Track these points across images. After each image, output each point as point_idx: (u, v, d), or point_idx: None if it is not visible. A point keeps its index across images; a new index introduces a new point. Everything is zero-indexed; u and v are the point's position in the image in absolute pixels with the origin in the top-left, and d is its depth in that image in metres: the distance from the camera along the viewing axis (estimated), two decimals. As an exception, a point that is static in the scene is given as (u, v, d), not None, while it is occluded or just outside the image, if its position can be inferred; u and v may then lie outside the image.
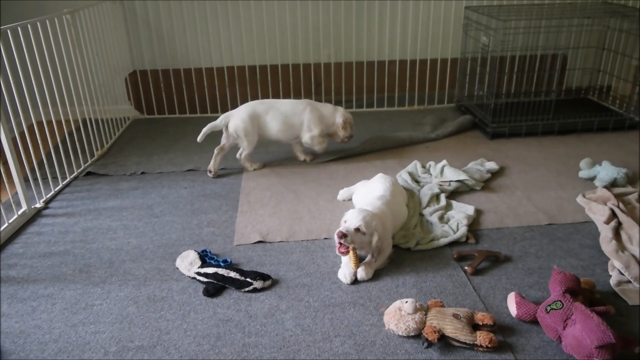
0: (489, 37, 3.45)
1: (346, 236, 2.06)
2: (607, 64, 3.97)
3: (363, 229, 2.08)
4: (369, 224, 2.10)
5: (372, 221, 2.11)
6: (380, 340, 1.80)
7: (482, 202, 2.68)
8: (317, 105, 3.18)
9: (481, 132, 3.62)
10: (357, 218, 2.10)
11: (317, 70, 4.13)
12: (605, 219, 2.40)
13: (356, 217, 2.10)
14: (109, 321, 1.93)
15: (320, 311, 1.95)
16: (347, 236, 2.06)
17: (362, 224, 2.08)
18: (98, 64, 3.47)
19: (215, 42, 4.01)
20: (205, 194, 2.85)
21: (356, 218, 2.10)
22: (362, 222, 2.08)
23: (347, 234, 2.06)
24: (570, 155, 3.20)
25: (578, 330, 1.60)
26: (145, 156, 3.36)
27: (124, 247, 2.39)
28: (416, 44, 4.07)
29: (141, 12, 3.89)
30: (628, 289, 2.00)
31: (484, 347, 1.71)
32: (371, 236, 2.10)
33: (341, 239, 2.06)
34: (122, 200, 2.81)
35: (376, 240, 2.10)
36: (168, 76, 4.07)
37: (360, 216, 2.11)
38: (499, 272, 2.14)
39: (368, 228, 2.09)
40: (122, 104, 3.97)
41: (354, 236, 2.08)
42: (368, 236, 2.10)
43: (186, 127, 3.86)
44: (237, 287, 2.07)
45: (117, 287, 2.12)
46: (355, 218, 2.10)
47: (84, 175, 3.13)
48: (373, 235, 2.10)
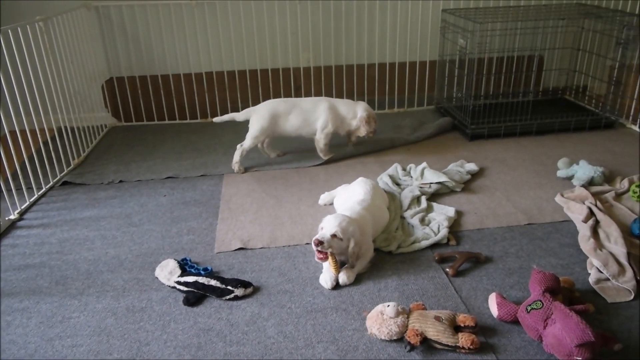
0: (466, 39, 3.48)
1: (322, 243, 2.05)
2: (582, 64, 4.03)
3: (339, 235, 2.07)
4: (346, 230, 2.09)
5: (348, 227, 2.10)
6: (363, 345, 1.79)
7: (462, 204, 2.69)
8: (336, 103, 3.22)
9: (461, 133, 3.64)
10: (333, 224, 2.09)
11: (296, 75, 4.12)
12: (584, 218, 2.43)
13: (332, 224, 2.10)
14: (87, 334, 1.89)
15: (302, 317, 1.93)
16: (324, 243, 2.05)
17: (338, 230, 2.07)
18: (73, 72, 3.41)
19: (194, 48, 3.98)
20: (185, 202, 2.82)
21: (332, 224, 2.09)
22: (338, 228, 2.08)
23: (324, 241, 2.05)
24: (548, 155, 3.24)
25: (558, 329, 1.61)
26: (123, 164, 3.31)
27: (102, 257, 2.35)
28: (395, 47, 4.08)
29: (117, 18, 3.84)
30: (607, 287, 2.02)
31: (466, 349, 1.71)
32: (348, 241, 2.09)
33: (318, 247, 2.06)
34: (99, 210, 2.76)
35: (353, 246, 2.09)
36: (146, 83, 4.02)
37: (336, 222, 2.10)
38: (480, 273, 2.15)
39: (344, 234, 2.08)
40: (99, 111, 3.91)
41: (331, 242, 2.07)
42: (345, 241, 2.09)
43: (165, 134, 3.82)
44: (218, 295, 2.04)
45: (95, 298, 2.07)
46: (332, 224, 2.09)
47: (60, 185, 3.07)
48: (350, 240, 2.10)
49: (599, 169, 2.81)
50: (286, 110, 3.13)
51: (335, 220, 2.11)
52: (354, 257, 2.11)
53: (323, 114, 3.15)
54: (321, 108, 3.15)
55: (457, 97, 3.85)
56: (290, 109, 3.13)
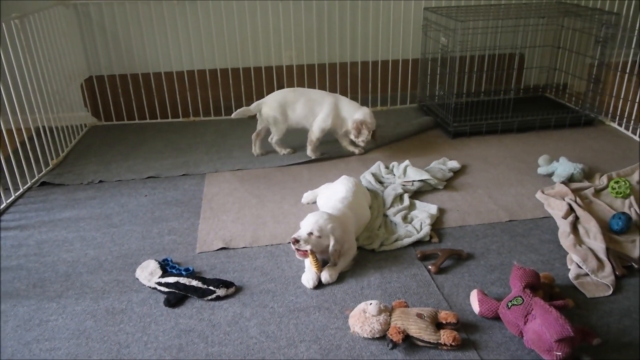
0: (447, 37, 3.50)
1: (298, 241, 2.06)
2: (562, 62, 4.08)
3: (316, 232, 2.07)
4: (323, 228, 2.09)
5: (326, 225, 2.10)
6: (346, 344, 1.78)
7: (444, 201, 2.71)
8: (341, 101, 3.24)
9: (443, 131, 3.66)
10: (310, 222, 2.09)
11: (279, 73, 4.10)
12: (563, 214, 2.46)
13: (309, 222, 2.10)
14: (65, 337, 1.86)
15: (285, 317, 1.92)
16: (299, 241, 2.06)
17: (315, 228, 2.07)
18: (51, 70, 3.35)
19: (175, 46, 3.94)
20: (167, 202, 2.79)
21: (309, 222, 2.10)
22: (314, 225, 2.08)
23: (299, 239, 2.06)
24: (529, 152, 3.27)
25: (538, 325, 1.62)
26: (103, 164, 3.26)
27: (81, 259, 2.31)
28: (377, 45, 4.09)
29: (96, 16, 3.79)
30: (586, 282, 2.04)
31: (448, 346, 1.72)
32: (328, 239, 2.09)
33: (294, 245, 2.07)
34: (78, 211, 2.72)
35: (333, 244, 2.09)
36: (126, 81, 3.97)
37: (314, 220, 2.10)
38: (462, 270, 2.16)
39: (322, 232, 2.08)
40: (78, 110, 3.85)
41: (308, 240, 2.07)
42: (324, 239, 2.09)
43: (146, 134, 3.77)
44: (200, 295, 2.02)
45: (74, 301, 2.04)
46: (309, 222, 2.10)
47: (38, 185, 3.01)
48: (329, 238, 2.09)
49: (579, 166, 2.84)
50: (294, 99, 3.19)
51: (313, 218, 2.11)
52: (335, 255, 2.11)
53: (326, 108, 3.18)
54: (326, 102, 3.20)
55: (439, 95, 3.87)
56: (298, 97, 3.19)
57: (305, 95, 3.21)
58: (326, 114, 3.18)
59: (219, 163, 3.22)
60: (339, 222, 2.16)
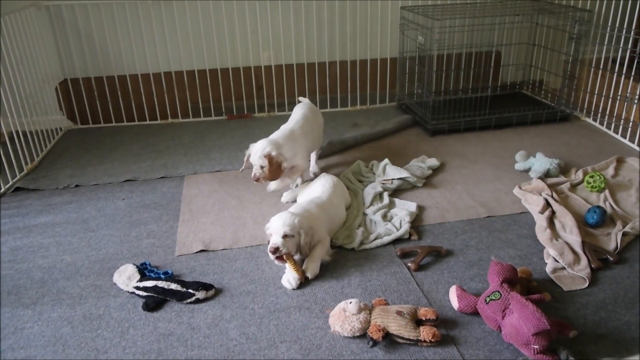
0: (425, 36, 3.52)
1: (278, 249, 2.06)
2: (538, 59, 4.13)
3: (289, 232, 2.08)
4: (293, 224, 2.10)
5: (293, 221, 2.11)
6: (326, 343, 1.78)
7: (424, 199, 2.72)
8: (291, 121, 2.87)
9: (422, 129, 3.68)
10: (279, 226, 2.09)
11: (257, 74, 4.08)
12: (540, 209, 2.49)
13: (279, 225, 2.10)
14: (41, 344, 1.82)
15: (265, 318, 1.91)
16: (279, 248, 2.06)
17: (287, 229, 2.08)
18: (24, 74, 3.29)
19: (151, 48, 3.89)
20: (145, 205, 2.75)
21: (279, 226, 2.09)
22: (286, 227, 2.08)
23: (279, 247, 2.06)
24: (507, 148, 3.31)
25: (515, 319, 1.64)
26: (79, 168, 3.21)
27: (57, 264, 2.27)
28: (355, 44, 4.09)
29: (69, 17, 3.72)
30: (562, 276, 2.07)
31: (427, 342, 1.73)
32: (299, 235, 2.10)
33: (275, 254, 2.07)
34: (54, 216, 2.67)
35: (304, 237, 2.11)
36: (102, 84, 3.91)
37: (281, 222, 2.10)
38: (441, 267, 2.17)
39: (293, 229, 2.09)
40: (53, 114, 3.78)
41: (285, 244, 2.08)
42: (297, 236, 2.10)
43: (123, 136, 3.72)
44: (179, 299, 2.00)
45: (50, 307, 2.00)
46: (278, 226, 2.09)
47: (12, 191, 2.95)
48: (300, 233, 2.10)
49: (555, 161, 2.88)
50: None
51: (280, 221, 2.11)
52: (307, 247, 2.13)
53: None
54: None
55: (417, 94, 3.89)
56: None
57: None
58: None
59: (197, 165, 3.19)
60: (303, 216, 2.17)
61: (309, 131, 2.84)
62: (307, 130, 2.82)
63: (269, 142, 2.58)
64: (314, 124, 2.93)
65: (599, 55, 3.60)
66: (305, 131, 2.79)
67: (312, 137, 2.88)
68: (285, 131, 2.73)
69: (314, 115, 2.95)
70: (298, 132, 2.74)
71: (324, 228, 2.28)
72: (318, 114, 3.05)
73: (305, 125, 2.81)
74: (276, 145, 2.59)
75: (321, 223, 2.27)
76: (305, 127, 2.81)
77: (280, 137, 2.67)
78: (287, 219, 2.10)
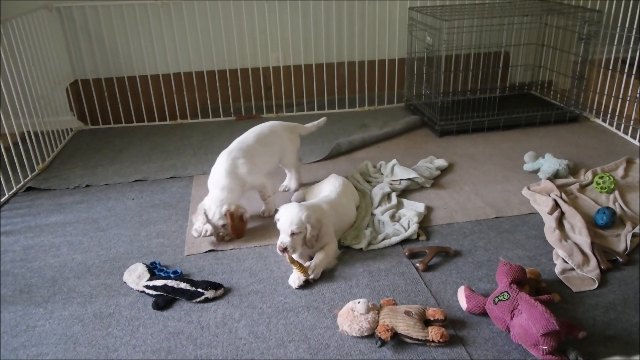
0: (433, 37, 3.52)
1: (287, 249, 2.11)
2: (547, 59, 4.12)
3: (296, 230, 2.11)
4: (300, 221, 2.12)
5: (301, 216, 2.12)
6: (335, 342, 1.79)
7: (432, 199, 2.72)
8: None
9: (430, 130, 3.68)
10: (287, 223, 2.12)
11: (266, 74, 4.10)
12: (549, 210, 2.48)
13: (286, 222, 2.13)
14: (53, 342, 1.84)
15: (274, 317, 1.92)
16: (287, 248, 2.11)
17: (294, 227, 2.11)
18: (35, 75, 3.33)
19: (160, 49, 3.92)
20: (154, 205, 2.78)
21: (286, 223, 2.12)
22: (293, 226, 2.11)
23: (287, 247, 2.11)
24: (515, 149, 3.30)
25: (524, 320, 1.64)
26: (89, 168, 3.24)
27: (68, 263, 2.29)
28: (364, 45, 4.10)
29: (80, 19, 3.76)
30: (572, 277, 2.06)
31: (436, 342, 1.73)
32: (306, 230, 2.12)
33: (284, 253, 2.12)
34: (65, 215, 2.70)
35: (310, 231, 2.12)
36: (112, 85, 3.95)
37: (288, 220, 2.12)
38: (450, 267, 2.17)
39: (300, 226, 2.11)
40: (64, 115, 3.82)
41: (294, 242, 2.12)
42: (303, 231, 2.12)
43: (133, 137, 3.75)
44: (188, 298, 2.01)
45: (61, 306, 2.03)
46: (286, 223, 2.12)
47: (24, 191, 2.98)
48: (307, 227, 2.12)
49: (564, 162, 2.87)
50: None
51: (288, 218, 2.13)
52: (313, 240, 2.14)
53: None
54: None
55: (426, 94, 3.89)
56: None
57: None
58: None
59: (206, 165, 3.21)
60: (311, 209, 2.18)
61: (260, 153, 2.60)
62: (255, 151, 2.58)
63: (223, 199, 2.37)
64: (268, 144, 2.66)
65: (608, 55, 3.58)
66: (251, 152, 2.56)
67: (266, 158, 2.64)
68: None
69: (271, 135, 2.69)
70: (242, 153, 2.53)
71: (332, 226, 2.28)
72: (280, 133, 2.74)
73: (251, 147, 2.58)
74: (231, 195, 2.40)
75: (330, 220, 2.28)
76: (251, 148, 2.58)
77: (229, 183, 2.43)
78: (294, 216, 2.12)
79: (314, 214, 2.17)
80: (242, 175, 2.47)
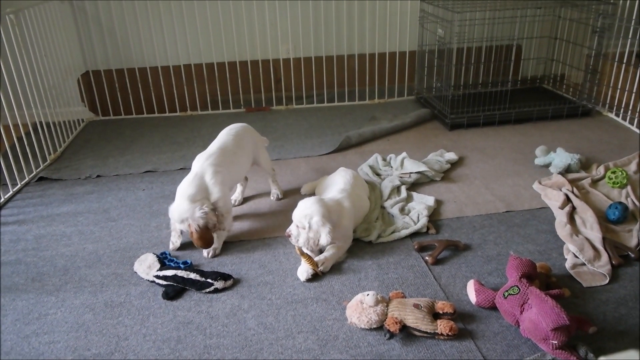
0: (444, 29, 3.49)
1: (290, 236, 2.16)
2: (559, 53, 4.07)
3: (305, 225, 2.13)
4: (307, 215, 2.14)
5: (312, 215, 2.13)
6: (343, 334, 1.79)
7: (442, 193, 2.71)
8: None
9: (440, 123, 3.66)
10: (296, 217, 2.17)
11: (276, 66, 4.09)
12: (560, 204, 2.46)
13: (297, 214, 2.17)
14: (64, 330, 1.86)
15: (282, 308, 1.93)
16: (291, 236, 2.17)
17: (303, 221, 2.13)
18: (47, 66, 3.34)
19: (171, 40, 3.93)
20: (164, 195, 2.79)
21: (296, 215, 2.17)
22: (303, 218, 2.13)
23: (291, 235, 2.17)
24: (527, 143, 3.27)
25: (534, 314, 1.63)
26: (100, 159, 3.26)
27: (79, 253, 2.31)
28: (374, 37, 4.08)
29: (92, 10, 3.77)
30: (582, 272, 2.05)
31: (444, 336, 1.73)
32: (317, 233, 2.12)
33: (290, 239, 2.18)
34: (76, 205, 2.72)
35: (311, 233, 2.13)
36: (123, 76, 3.96)
37: (302, 213, 2.15)
38: (459, 261, 2.16)
39: (300, 222, 2.14)
40: (75, 105, 3.84)
41: (298, 234, 2.15)
42: (314, 233, 2.12)
43: (143, 128, 3.77)
44: (198, 288, 2.03)
45: (72, 294, 2.05)
46: (296, 215, 2.17)
47: (35, 180, 3.01)
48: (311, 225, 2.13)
49: (576, 157, 2.84)
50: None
51: (302, 210, 2.15)
52: (312, 243, 2.14)
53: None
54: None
55: (436, 87, 3.87)
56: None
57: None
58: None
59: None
60: (329, 209, 2.18)
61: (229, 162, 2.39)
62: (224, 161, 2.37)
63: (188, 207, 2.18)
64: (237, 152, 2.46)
65: (622, 49, 3.53)
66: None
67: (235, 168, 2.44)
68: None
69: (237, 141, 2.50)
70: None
71: (351, 224, 2.29)
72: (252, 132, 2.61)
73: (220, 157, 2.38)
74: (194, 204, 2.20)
75: (351, 218, 2.28)
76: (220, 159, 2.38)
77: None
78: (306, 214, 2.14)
79: (330, 214, 2.16)
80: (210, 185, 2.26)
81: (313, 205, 2.16)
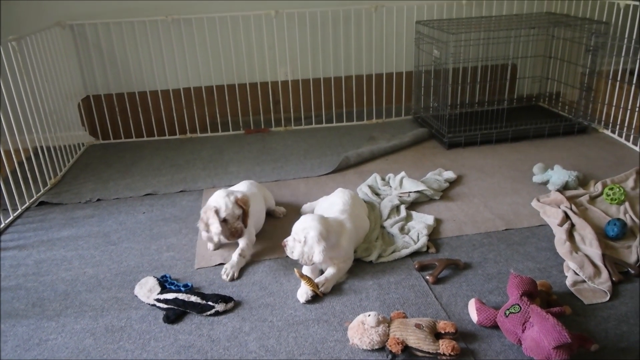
0: (440, 50, 3.54)
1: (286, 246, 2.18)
2: (554, 71, 4.12)
3: (301, 239, 2.14)
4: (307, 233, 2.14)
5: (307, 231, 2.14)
6: (345, 356, 1.79)
7: (441, 211, 2.72)
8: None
9: (438, 142, 3.68)
10: (295, 230, 2.19)
11: (274, 89, 4.14)
12: (559, 222, 2.47)
13: (295, 230, 2.19)
14: (65, 356, 1.86)
15: (284, 330, 1.93)
16: (286, 246, 2.18)
17: (300, 236, 2.14)
18: (48, 90, 3.38)
19: (171, 64, 3.98)
20: (165, 218, 2.80)
21: (295, 230, 2.19)
22: (300, 233, 2.15)
23: (286, 245, 2.18)
24: (524, 161, 3.30)
25: (536, 332, 1.63)
26: (101, 182, 3.27)
27: (80, 277, 2.31)
28: (371, 58, 4.13)
29: (92, 35, 3.83)
30: (583, 289, 2.05)
31: (447, 355, 1.72)
32: (312, 249, 2.12)
33: (285, 248, 2.19)
34: (77, 229, 2.73)
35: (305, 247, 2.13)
36: (123, 100, 4.00)
37: (300, 227, 2.17)
38: (460, 280, 2.16)
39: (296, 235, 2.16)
40: (76, 130, 3.87)
41: (292, 246, 2.16)
42: (309, 248, 2.12)
43: (143, 151, 3.79)
44: (199, 311, 2.02)
45: (73, 319, 2.04)
46: (294, 230, 2.19)
47: (36, 205, 3.02)
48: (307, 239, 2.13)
49: (573, 174, 2.87)
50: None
51: (302, 225, 2.17)
52: (305, 258, 2.14)
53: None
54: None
55: (433, 107, 3.91)
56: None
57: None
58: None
59: (216, 179, 3.24)
60: (331, 228, 2.19)
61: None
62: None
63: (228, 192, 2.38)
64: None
65: (616, 67, 3.58)
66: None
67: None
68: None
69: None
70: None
71: (352, 244, 2.30)
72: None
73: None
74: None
75: (352, 239, 2.29)
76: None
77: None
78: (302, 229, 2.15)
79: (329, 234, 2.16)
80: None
81: (313, 221, 2.17)
